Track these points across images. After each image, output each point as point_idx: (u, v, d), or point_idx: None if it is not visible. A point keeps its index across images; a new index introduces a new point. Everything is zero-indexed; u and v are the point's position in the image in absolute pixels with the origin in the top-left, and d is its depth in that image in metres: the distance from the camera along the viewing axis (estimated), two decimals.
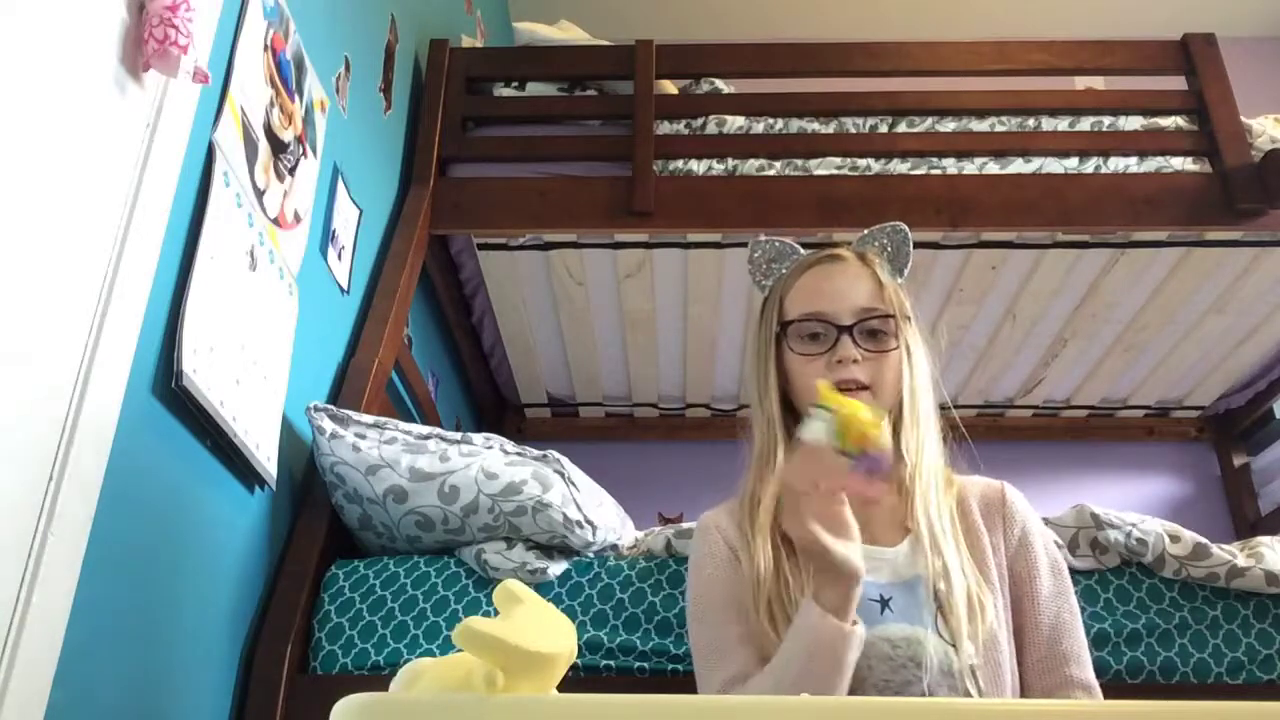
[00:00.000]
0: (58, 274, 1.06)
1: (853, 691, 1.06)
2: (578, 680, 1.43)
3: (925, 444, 1.19)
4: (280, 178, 1.61)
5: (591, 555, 1.62)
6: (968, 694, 1.06)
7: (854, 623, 1.02)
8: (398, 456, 1.61)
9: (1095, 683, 1.14)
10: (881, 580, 1.13)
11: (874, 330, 1.20)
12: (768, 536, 1.15)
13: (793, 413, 1.22)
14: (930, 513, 1.15)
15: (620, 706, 0.69)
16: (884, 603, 1.11)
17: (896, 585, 1.12)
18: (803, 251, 1.32)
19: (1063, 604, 1.16)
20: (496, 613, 0.67)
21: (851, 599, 1.01)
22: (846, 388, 1.15)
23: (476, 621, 0.62)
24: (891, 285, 1.24)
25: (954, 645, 1.07)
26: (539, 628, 0.64)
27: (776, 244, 1.32)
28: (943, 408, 1.25)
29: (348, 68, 2.02)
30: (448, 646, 1.49)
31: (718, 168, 2.36)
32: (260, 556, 1.56)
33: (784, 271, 1.30)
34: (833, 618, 1.00)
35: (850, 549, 1.01)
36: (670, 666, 1.49)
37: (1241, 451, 3.23)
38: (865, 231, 1.32)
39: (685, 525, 1.63)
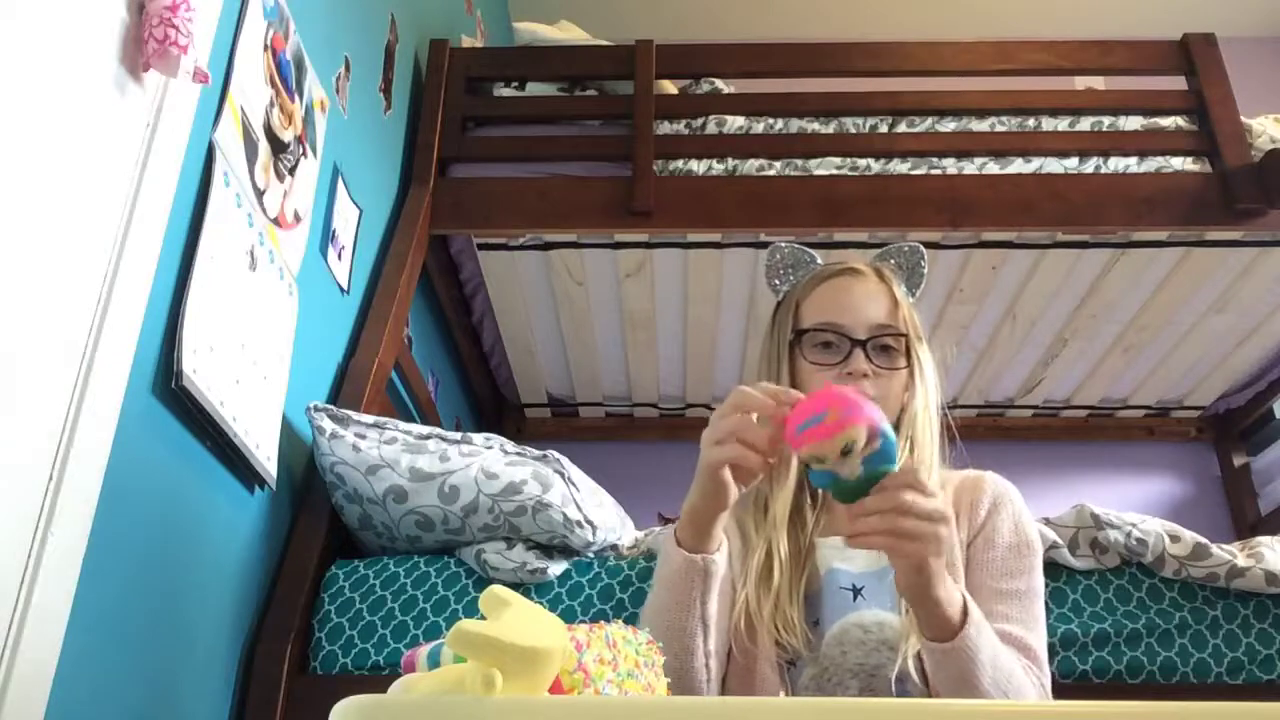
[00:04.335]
0: (58, 274, 1.06)
1: (829, 676, 1.10)
2: None
3: (923, 466, 1.18)
4: (280, 178, 1.61)
5: (591, 555, 1.62)
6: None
7: (714, 552, 1.06)
8: (398, 456, 1.61)
9: (1042, 656, 1.10)
10: (854, 570, 1.16)
11: (886, 346, 1.22)
12: (785, 533, 1.17)
13: None
14: None
15: (620, 706, 0.69)
16: (856, 591, 1.14)
17: (868, 574, 1.15)
18: (820, 260, 1.35)
19: (1019, 580, 1.14)
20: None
21: (697, 530, 1.05)
22: None
23: (468, 624, 0.62)
24: (906, 304, 1.27)
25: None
26: (530, 626, 0.65)
27: (796, 250, 1.35)
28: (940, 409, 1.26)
29: (348, 68, 2.02)
30: None
31: (718, 168, 2.36)
32: (260, 556, 1.56)
33: (800, 279, 1.32)
34: (682, 548, 1.06)
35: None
36: None
37: (1241, 451, 3.22)
38: (882, 249, 1.35)
39: None
